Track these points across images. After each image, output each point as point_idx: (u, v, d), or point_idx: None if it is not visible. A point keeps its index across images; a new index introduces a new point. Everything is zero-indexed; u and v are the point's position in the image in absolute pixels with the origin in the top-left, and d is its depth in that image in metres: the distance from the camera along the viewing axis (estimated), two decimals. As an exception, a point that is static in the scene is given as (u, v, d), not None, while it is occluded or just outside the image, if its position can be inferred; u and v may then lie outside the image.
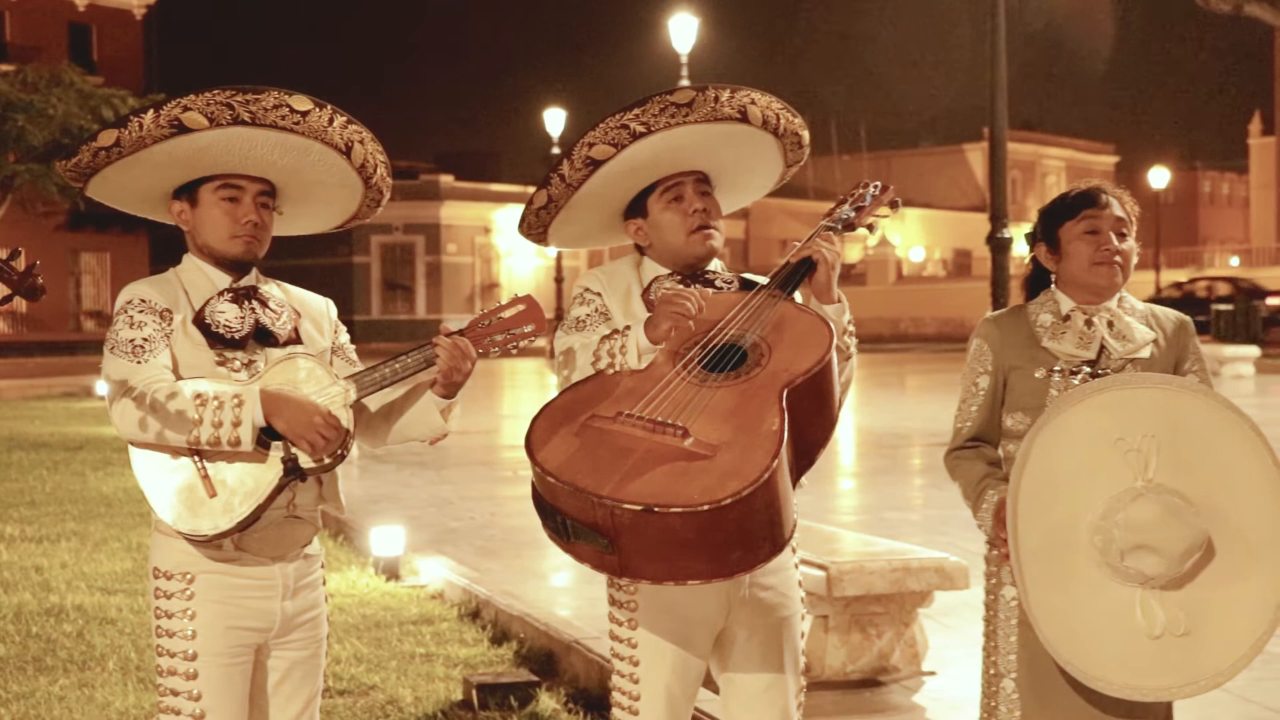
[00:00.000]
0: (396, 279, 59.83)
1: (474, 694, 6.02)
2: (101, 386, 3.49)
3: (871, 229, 3.91)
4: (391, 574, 8.72)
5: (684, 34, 29.02)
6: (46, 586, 8.48)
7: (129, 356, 3.36)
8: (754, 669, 3.65)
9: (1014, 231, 13.74)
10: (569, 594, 8.46)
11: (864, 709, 6.01)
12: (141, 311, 3.42)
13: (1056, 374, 3.66)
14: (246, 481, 3.33)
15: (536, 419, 3.37)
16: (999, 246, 15.31)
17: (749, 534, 3.18)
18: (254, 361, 3.44)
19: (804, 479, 3.41)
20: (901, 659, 6.37)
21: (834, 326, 3.49)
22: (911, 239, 78.59)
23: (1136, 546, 3.33)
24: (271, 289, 3.58)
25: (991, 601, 3.72)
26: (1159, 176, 61.70)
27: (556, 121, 42.75)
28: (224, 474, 3.33)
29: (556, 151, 37.52)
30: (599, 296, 3.69)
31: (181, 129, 3.33)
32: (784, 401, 3.27)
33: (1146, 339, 3.69)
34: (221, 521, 3.32)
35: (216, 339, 3.43)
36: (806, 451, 3.38)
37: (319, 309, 3.68)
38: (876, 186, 3.88)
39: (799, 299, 3.63)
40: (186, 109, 3.32)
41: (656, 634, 3.58)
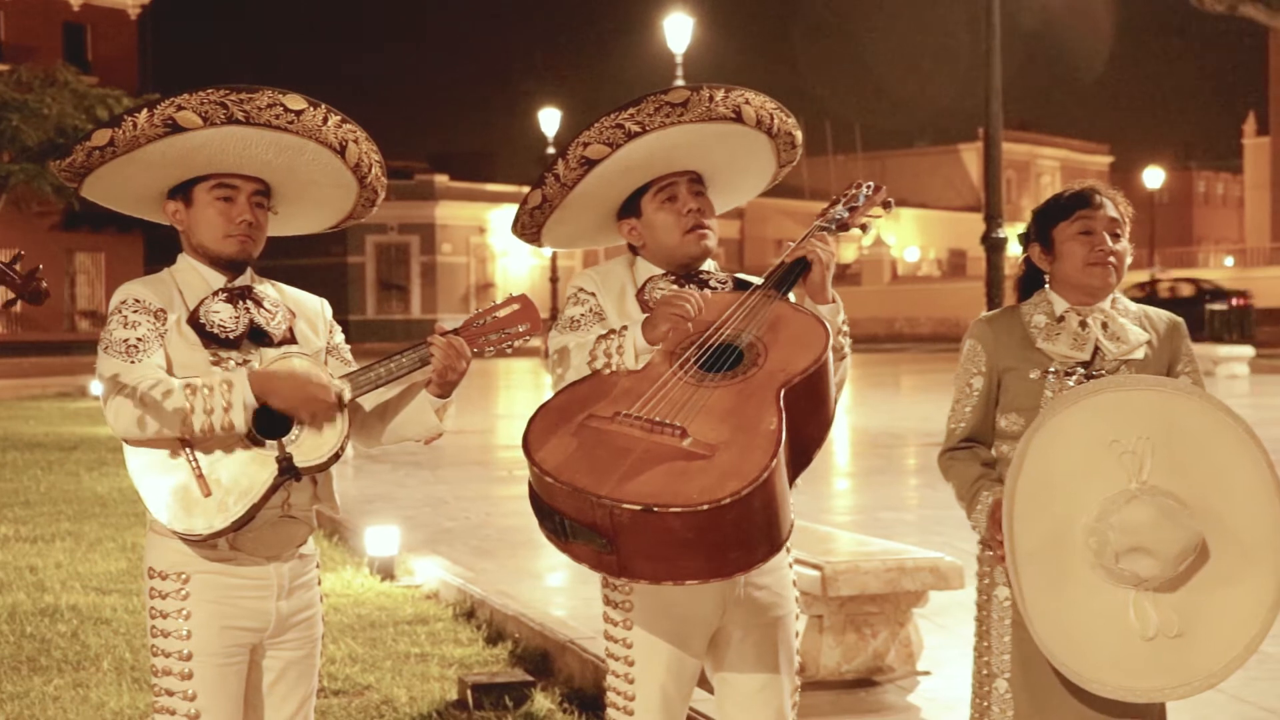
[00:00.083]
0: (391, 279, 59.80)
1: (469, 694, 6.02)
2: (96, 386, 3.51)
3: (865, 229, 3.91)
4: (386, 574, 8.72)
5: (679, 34, 29.02)
6: (41, 586, 8.47)
7: (123, 356, 3.36)
8: (749, 669, 3.65)
9: (1009, 231, 13.73)
10: (564, 594, 8.46)
11: (859, 709, 6.01)
12: (136, 311, 3.42)
13: (1051, 375, 3.66)
14: (241, 481, 3.33)
15: (533, 419, 3.37)
16: (994, 246, 15.33)
17: (747, 534, 3.18)
18: (249, 361, 3.43)
19: (799, 479, 3.42)
20: (896, 659, 6.37)
21: (829, 326, 3.49)
22: (906, 239, 78.63)
23: (1131, 549, 3.33)
24: (266, 289, 3.58)
25: (984, 602, 3.72)
26: (1154, 176, 61.83)
27: (551, 121, 42.73)
28: (219, 473, 3.33)
29: (551, 151, 37.49)
30: (593, 296, 3.69)
31: (176, 128, 3.33)
32: (781, 401, 3.27)
33: (1140, 340, 3.69)
34: (216, 521, 3.32)
35: (211, 339, 3.43)
36: (803, 451, 3.38)
37: (314, 309, 3.68)
38: (870, 187, 3.89)
39: (793, 299, 3.63)
40: (181, 108, 3.32)
41: (652, 634, 3.58)
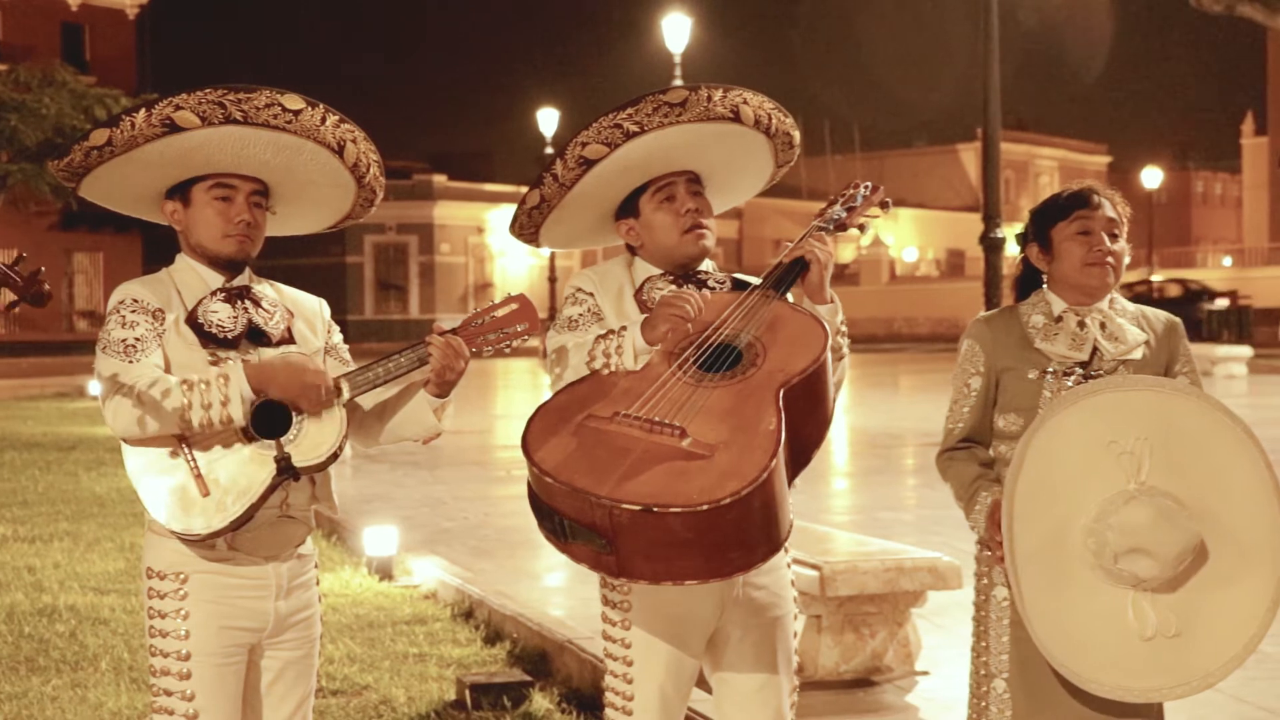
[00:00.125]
0: (390, 279, 59.79)
1: (467, 694, 6.02)
2: (94, 386, 3.52)
3: (863, 229, 3.92)
4: (385, 574, 8.72)
5: (677, 34, 29.02)
6: (39, 587, 8.46)
7: (121, 356, 3.36)
8: (747, 669, 3.65)
9: (1007, 231, 13.72)
10: (562, 594, 8.46)
11: (857, 709, 6.01)
12: (134, 311, 3.42)
13: (1049, 375, 3.65)
14: (239, 480, 3.33)
15: (533, 419, 3.37)
16: (992, 246, 15.33)
17: (747, 534, 3.18)
18: (247, 361, 3.43)
19: (797, 479, 3.42)
20: (895, 659, 6.37)
21: (828, 326, 3.49)
22: (905, 239, 78.64)
23: (1130, 550, 3.33)
24: (264, 289, 3.58)
25: (982, 602, 3.72)
26: (1152, 176, 61.81)
27: (550, 121, 42.71)
28: (217, 473, 3.33)
29: (550, 151, 37.49)
30: (591, 296, 3.68)
31: (173, 128, 3.33)
32: (780, 401, 3.27)
33: (1138, 340, 3.69)
34: (214, 521, 3.32)
35: (209, 339, 3.43)
36: (802, 451, 3.38)
37: (312, 309, 3.68)
38: (867, 187, 3.89)
39: (791, 299, 3.63)
40: (178, 108, 3.32)
41: (650, 634, 3.58)
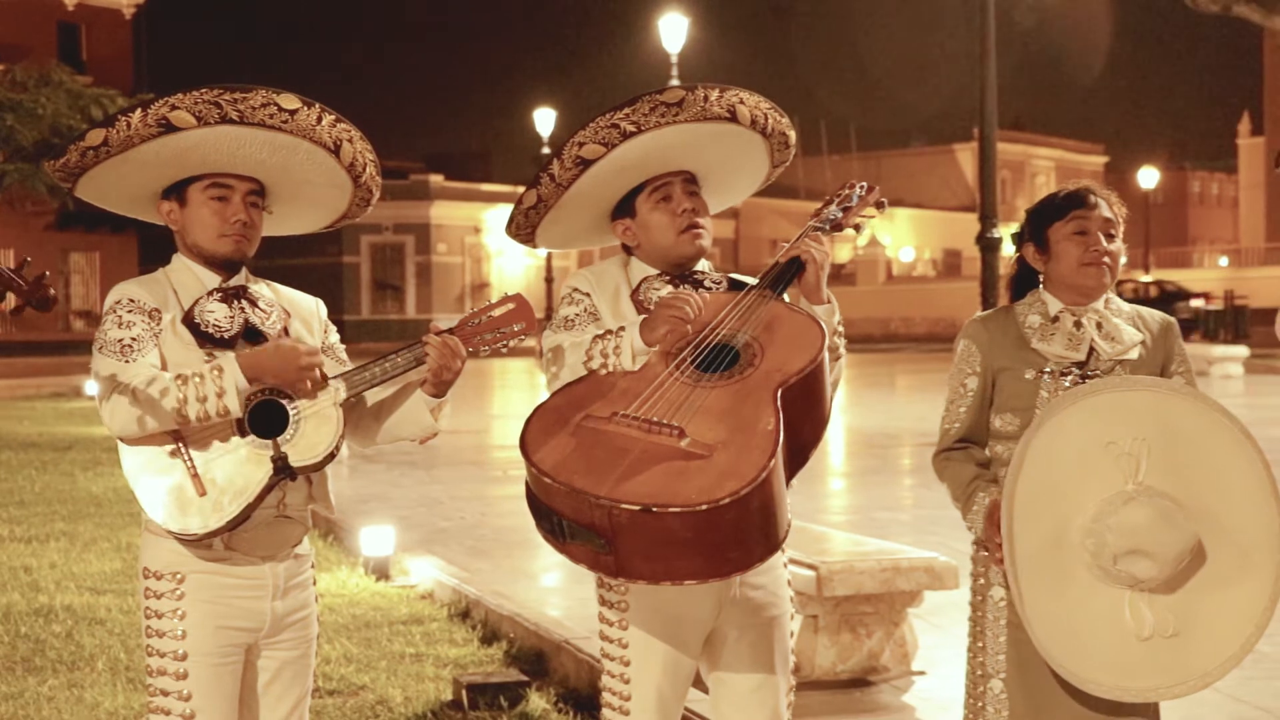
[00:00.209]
0: (386, 279, 59.77)
1: (464, 694, 6.02)
2: (91, 386, 3.53)
3: (858, 229, 3.92)
4: (381, 574, 8.72)
5: (674, 34, 29.03)
6: (35, 587, 8.46)
7: (117, 356, 3.36)
8: (744, 669, 3.65)
9: (1003, 231, 13.74)
10: (559, 594, 8.46)
11: (854, 709, 6.01)
12: (130, 311, 3.41)
13: (1046, 375, 3.66)
14: (236, 480, 3.33)
15: (530, 420, 3.37)
16: (989, 246, 15.36)
17: (746, 534, 3.19)
18: (239, 353, 3.43)
19: (794, 479, 3.42)
20: (891, 659, 6.37)
21: (825, 326, 3.49)
22: (901, 239, 78.65)
23: (1129, 551, 3.33)
24: (261, 288, 3.58)
25: (979, 602, 3.72)
26: (1148, 176, 61.90)
27: (546, 121, 42.70)
28: (214, 473, 3.33)
29: (546, 151, 37.50)
30: (588, 297, 3.68)
31: (169, 128, 3.33)
32: (778, 401, 3.27)
33: (1135, 340, 3.69)
34: (211, 520, 3.31)
35: (206, 338, 3.43)
36: (799, 451, 3.39)
37: (309, 309, 3.68)
38: (863, 187, 3.89)
39: (788, 299, 3.63)
40: (174, 108, 3.32)
41: (648, 634, 3.58)
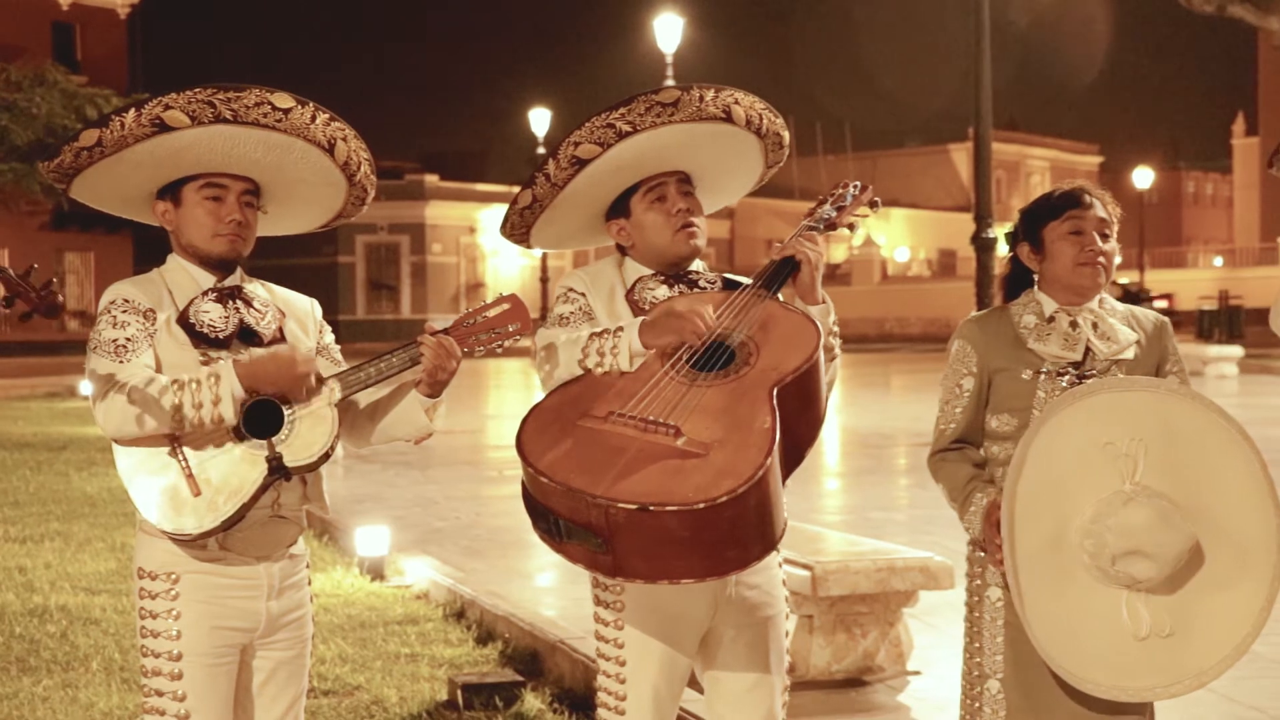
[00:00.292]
0: (381, 279, 59.76)
1: (459, 694, 6.01)
2: (86, 386, 3.52)
3: (852, 228, 3.92)
4: (376, 574, 8.71)
5: (669, 34, 29.04)
6: (30, 587, 8.45)
7: (112, 356, 3.35)
8: (739, 668, 3.65)
9: (998, 231, 13.73)
10: (554, 594, 8.45)
11: (849, 709, 6.01)
12: (125, 311, 3.41)
13: (1043, 375, 3.65)
14: (231, 480, 3.32)
15: (526, 420, 3.37)
16: (984, 246, 15.36)
17: (743, 532, 3.19)
18: (237, 360, 3.42)
19: (789, 478, 3.42)
20: (886, 659, 6.37)
21: (820, 326, 3.49)
22: (896, 239, 78.67)
23: (1129, 551, 3.32)
24: (256, 288, 3.57)
25: (976, 603, 3.72)
26: (1143, 177, 61.90)
27: (542, 121, 42.74)
28: (208, 473, 3.32)
29: (542, 151, 37.49)
30: (583, 296, 3.68)
31: (163, 127, 3.32)
32: (774, 400, 3.27)
33: (1130, 340, 3.69)
34: (206, 520, 3.31)
35: (201, 339, 3.43)
36: (795, 450, 3.39)
37: (304, 309, 3.68)
38: (856, 186, 3.90)
39: (782, 299, 3.63)
40: (168, 107, 3.32)
41: (644, 633, 3.58)
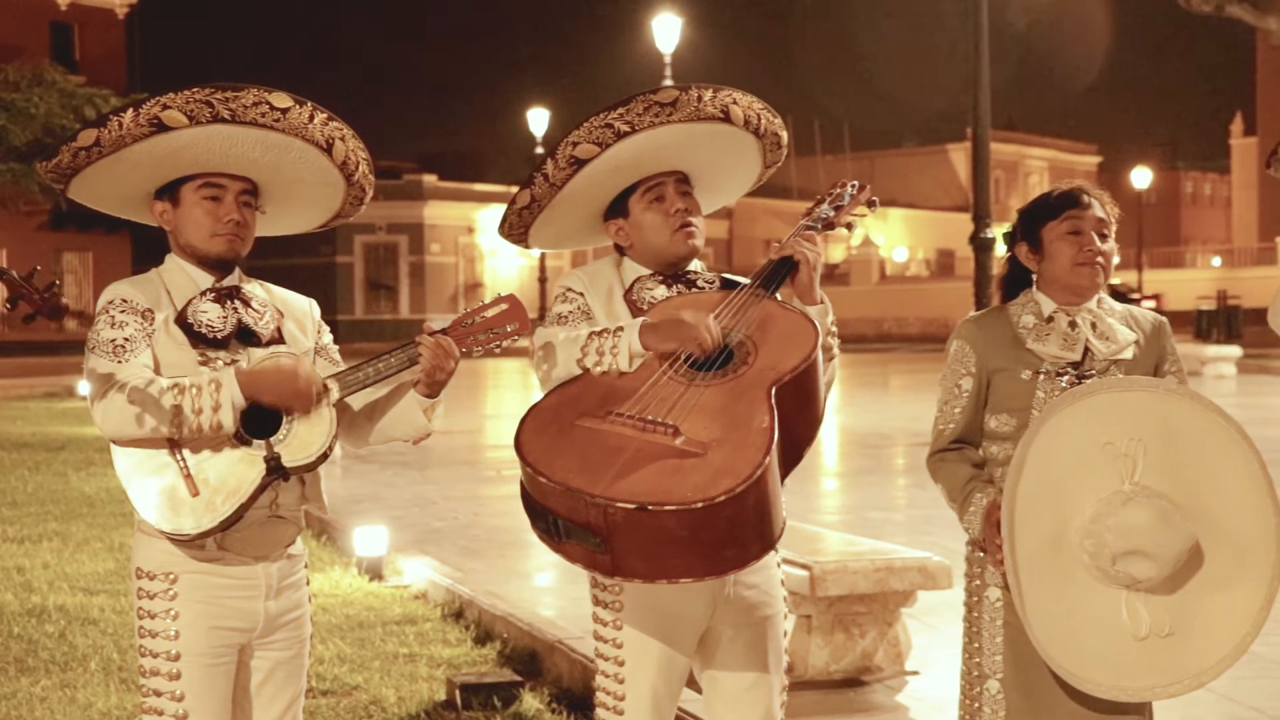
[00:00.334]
0: (380, 279, 59.76)
1: (457, 694, 6.01)
2: (84, 386, 3.52)
3: (850, 228, 3.92)
4: (375, 574, 8.71)
5: (667, 34, 29.04)
6: (28, 587, 8.44)
7: (110, 356, 3.35)
8: (738, 668, 3.65)
9: (997, 231, 13.75)
10: (552, 594, 8.45)
11: (847, 709, 6.01)
12: (123, 311, 3.41)
13: (1042, 376, 3.65)
14: (229, 481, 3.32)
15: (525, 420, 3.37)
16: (982, 246, 15.34)
17: (741, 531, 3.19)
18: (236, 361, 3.42)
19: (788, 478, 3.42)
20: (884, 659, 6.38)
21: (818, 325, 3.49)
22: (895, 239, 78.68)
23: (1129, 551, 3.32)
24: (254, 289, 3.57)
25: (975, 603, 3.71)
26: (1141, 177, 61.89)
27: (540, 121, 42.74)
28: (206, 473, 3.32)
29: (540, 151, 37.49)
30: (581, 296, 3.68)
31: (161, 127, 3.32)
32: (772, 399, 3.27)
33: (1129, 340, 3.69)
34: (204, 521, 3.31)
35: (199, 339, 3.42)
36: (793, 449, 3.39)
37: (302, 309, 3.67)
38: (854, 185, 3.90)
39: (780, 299, 3.63)
40: (166, 107, 3.31)
41: (642, 633, 3.58)
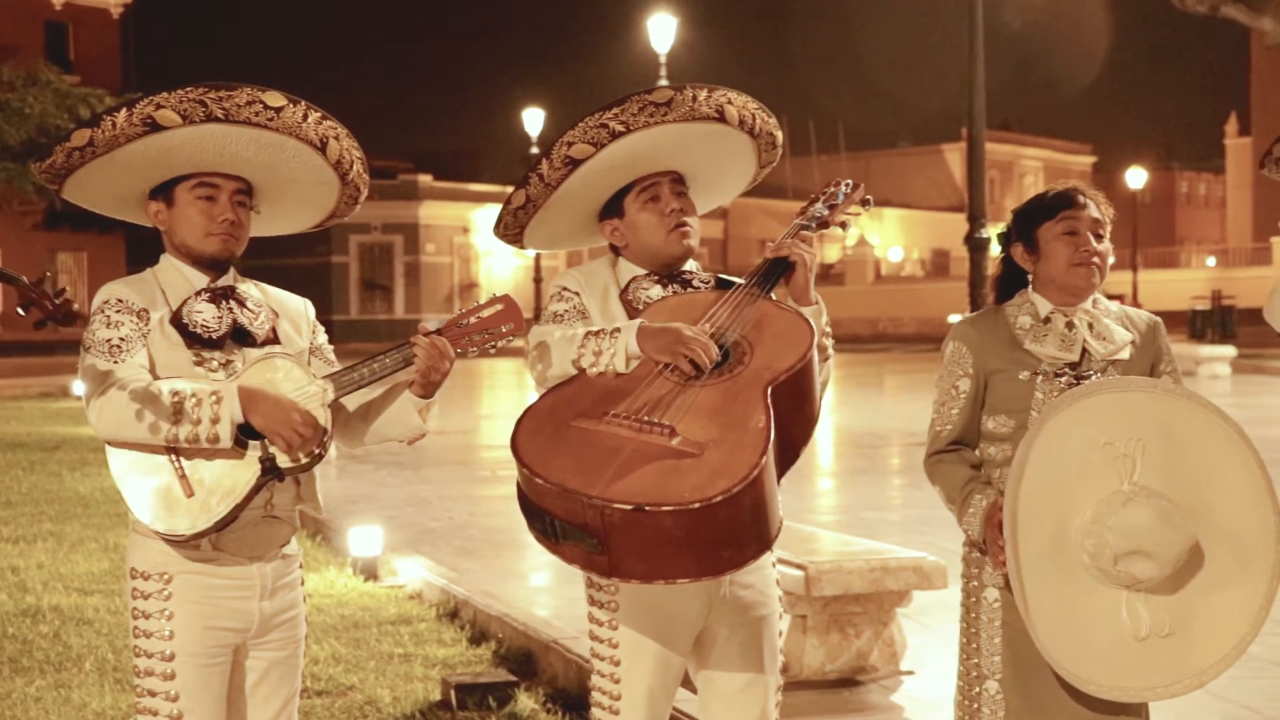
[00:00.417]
0: (375, 279, 59.73)
1: (452, 694, 6.01)
2: (78, 386, 3.50)
3: (844, 227, 3.93)
4: (370, 574, 8.70)
5: (662, 34, 29.04)
6: (23, 587, 8.43)
7: (106, 356, 3.35)
8: (733, 668, 3.65)
9: (992, 231, 13.75)
10: (547, 594, 8.45)
11: (842, 709, 6.01)
12: (118, 311, 3.41)
13: (1040, 376, 3.65)
14: (224, 481, 3.32)
15: (521, 421, 3.37)
16: (977, 246, 15.38)
17: (738, 532, 3.19)
18: (231, 361, 3.42)
19: (783, 478, 3.42)
20: (880, 658, 6.38)
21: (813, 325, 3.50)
22: (890, 239, 78.73)
23: (1130, 551, 3.32)
24: (249, 289, 3.57)
25: (972, 604, 3.71)
26: (1136, 177, 61.87)
27: (535, 121, 42.73)
28: (201, 473, 3.32)
29: (535, 151, 37.50)
30: (577, 295, 3.68)
31: (155, 127, 3.32)
32: (768, 399, 3.27)
33: (1125, 340, 3.69)
34: (199, 521, 3.31)
35: (194, 339, 3.42)
36: (789, 449, 3.39)
37: (297, 309, 3.67)
38: (848, 185, 3.90)
39: (775, 299, 3.63)
40: (160, 107, 3.31)
41: (638, 633, 3.57)
